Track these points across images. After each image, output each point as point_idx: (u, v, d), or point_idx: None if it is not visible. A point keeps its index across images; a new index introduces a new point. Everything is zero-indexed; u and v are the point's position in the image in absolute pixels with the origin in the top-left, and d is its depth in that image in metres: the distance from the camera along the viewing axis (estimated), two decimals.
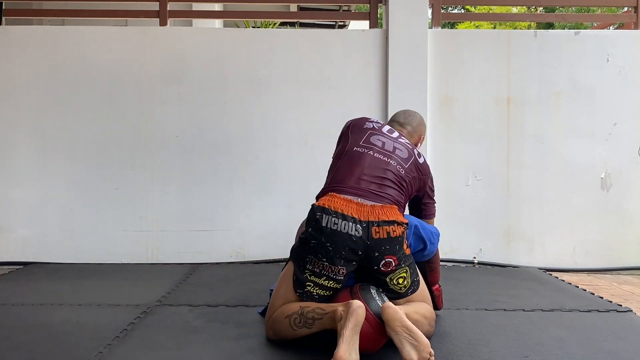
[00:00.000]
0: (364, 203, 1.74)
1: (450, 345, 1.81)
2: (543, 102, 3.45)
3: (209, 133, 3.41)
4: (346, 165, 1.88)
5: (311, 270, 1.73)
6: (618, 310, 2.26)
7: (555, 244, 3.45)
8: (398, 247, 1.74)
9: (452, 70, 3.46)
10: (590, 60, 3.46)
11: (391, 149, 1.93)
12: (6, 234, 3.39)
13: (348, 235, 1.69)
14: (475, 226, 3.45)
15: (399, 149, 1.95)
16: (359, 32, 3.51)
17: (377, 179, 1.82)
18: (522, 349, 1.78)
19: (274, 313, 1.80)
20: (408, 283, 1.79)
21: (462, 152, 3.45)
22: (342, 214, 1.71)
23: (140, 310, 2.21)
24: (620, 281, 3.09)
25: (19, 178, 3.40)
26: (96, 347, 1.76)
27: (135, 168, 3.41)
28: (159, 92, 3.42)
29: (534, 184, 3.45)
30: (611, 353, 1.75)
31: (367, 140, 1.95)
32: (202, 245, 3.41)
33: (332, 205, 1.73)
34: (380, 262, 1.72)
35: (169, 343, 1.82)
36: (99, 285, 2.74)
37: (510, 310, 2.26)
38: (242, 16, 4.37)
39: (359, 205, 1.73)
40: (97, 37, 3.43)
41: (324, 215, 1.72)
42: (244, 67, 3.43)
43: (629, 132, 3.46)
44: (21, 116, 3.40)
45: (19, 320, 2.10)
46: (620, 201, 3.45)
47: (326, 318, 1.64)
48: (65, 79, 3.41)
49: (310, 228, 1.74)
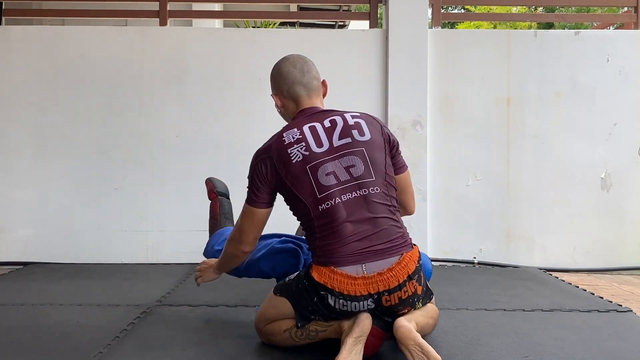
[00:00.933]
0: (369, 274, 1.53)
1: (450, 345, 1.81)
2: (543, 102, 3.45)
3: (209, 133, 3.41)
4: (325, 233, 1.58)
5: (316, 321, 1.65)
6: (618, 310, 2.26)
7: (555, 244, 3.45)
8: (412, 300, 1.60)
9: (452, 70, 3.46)
10: (590, 60, 3.46)
11: (345, 166, 1.62)
12: (6, 234, 3.39)
13: (359, 311, 1.56)
14: (475, 226, 3.45)
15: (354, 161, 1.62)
16: (359, 32, 3.51)
17: (365, 224, 1.57)
18: (522, 349, 1.78)
19: (268, 325, 1.74)
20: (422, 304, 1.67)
21: (462, 152, 3.45)
22: (350, 296, 1.53)
23: (140, 310, 2.21)
24: (620, 281, 3.09)
25: (19, 178, 3.40)
26: (96, 347, 1.75)
27: (135, 168, 3.41)
28: (159, 92, 3.42)
29: (534, 184, 3.45)
30: (611, 353, 1.75)
31: (318, 186, 1.60)
32: (202, 245, 3.39)
33: (336, 287, 1.53)
34: (396, 314, 1.59)
35: (169, 343, 1.82)
36: (99, 285, 2.74)
37: (510, 310, 2.26)
38: (242, 16, 4.37)
39: (365, 278, 1.53)
40: (97, 37, 3.43)
41: (330, 295, 1.54)
42: (244, 67, 3.43)
43: (629, 132, 3.46)
44: (21, 116, 3.40)
45: (19, 320, 2.10)
46: (620, 201, 3.45)
47: (330, 330, 1.62)
48: (65, 79, 3.41)
49: (316, 298, 1.57)
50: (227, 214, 2.30)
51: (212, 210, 2.32)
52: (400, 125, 3.37)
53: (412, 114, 3.38)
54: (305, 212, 1.65)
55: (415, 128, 3.38)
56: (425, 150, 3.39)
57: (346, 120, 1.70)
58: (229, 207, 2.34)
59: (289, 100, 1.80)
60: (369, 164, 1.63)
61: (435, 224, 3.44)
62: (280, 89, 1.80)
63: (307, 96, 1.79)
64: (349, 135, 1.66)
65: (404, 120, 3.38)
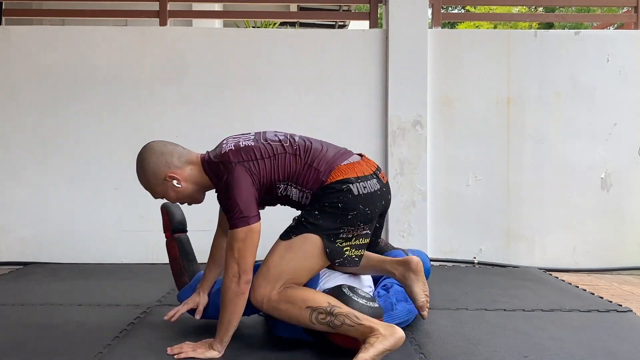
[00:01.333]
0: (359, 160, 1.78)
1: (450, 345, 1.81)
2: (543, 102, 3.45)
3: (209, 133, 3.41)
4: (315, 151, 1.75)
5: (343, 238, 1.68)
6: (618, 310, 2.26)
7: (555, 244, 3.45)
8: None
9: (452, 70, 3.46)
10: (590, 60, 3.46)
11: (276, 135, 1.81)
12: (6, 234, 3.39)
13: (375, 192, 1.72)
14: (475, 226, 3.45)
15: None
16: (359, 32, 3.51)
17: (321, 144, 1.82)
18: (522, 349, 1.78)
19: (288, 288, 1.64)
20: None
21: (462, 152, 3.45)
22: (363, 176, 1.71)
23: (140, 310, 2.21)
24: (620, 281, 3.09)
25: (19, 178, 3.40)
26: (96, 347, 1.76)
27: (135, 168, 3.40)
28: (159, 92, 3.42)
29: (534, 184, 3.45)
30: (611, 353, 1.75)
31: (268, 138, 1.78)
32: (202, 245, 3.40)
33: (349, 174, 1.70)
34: (390, 203, 1.84)
35: (168, 343, 1.81)
36: (99, 285, 2.74)
37: (510, 310, 2.26)
38: (242, 16, 4.37)
39: (361, 163, 1.76)
40: (97, 37, 3.43)
41: (350, 184, 1.68)
42: (244, 67, 3.43)
43: (629, 132, 3.46)
44: (21, 116, 3.40)
45: (19, 320, 2.10)
46: (620, 201, 3.45)
47: (356, 329, 1.57)
48: (65, 79, 3.41)
49: (340, 203, 1.66)
50: (190, 255, 2.13)
51: (169, 253, 2.12)
52: (400, 125, 3.38)
53: (412, 114, 3.38)
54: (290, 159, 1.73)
55: (415, 128, 3.39)
56: (425, 150, 3.39)
57: None
58: (189, 246, 2.16)
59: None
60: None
61: (435, 224, 3.44)
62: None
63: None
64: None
65: (404, 120, 3.38)
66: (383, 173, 1.82)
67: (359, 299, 1.64)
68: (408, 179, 3.38)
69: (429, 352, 1.74)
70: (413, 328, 1.97)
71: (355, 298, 1.63)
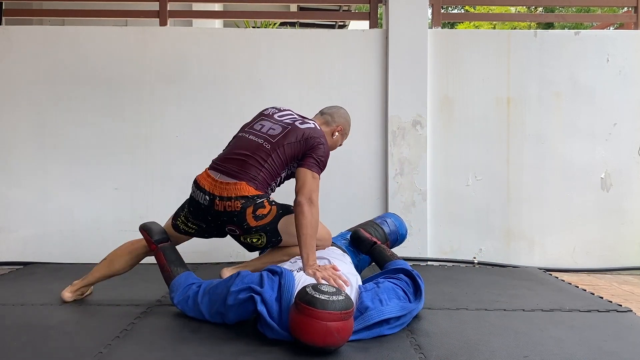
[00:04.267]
0: (220, 180, 2.11)
1: (450, 345, 1.81)
2: (543, 102, 3.45)
3: (209, 133, 3.41)
4: (227, 147, 2.29)
5: (184, 216, 2.26)
6: (618, 310, 2.26)
7: (555, 244, 3.45)
8: (236, 220, 2.09)
9: (452, 70, 3.46)
10: (590, 60, 3.46)
11: (265, 130, 2.22)
12: (6, 234, 3.39)
13: (198, 202, 2.15)
14: (475, 226, 3.45)
15: (273, 128, 2.22)
16: (359, 32, 3.51)
17: (241, 157, 2.14)
18: (522, 349, 1.78)
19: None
20: (264, 243, 2.18)
21: (462, 152, 3.45)
22: (200, 187, 2.15)
23: (140, 310, 2.21)
24: (620, 281, 3.09)
25: (19, 178, 3.40)
26: (96, 347, 1.75)
27: (135, 168, 3.41)
28: (158, 92, 3.42)
29: (534, 184, 3.45)
30: (611, 353, 1.75)
31: (250, 125, 2.31)
32: (202, 245, 3.40)
33: (198, 179, 2.19)
34: (225, 228, 2.16)
35: (168, 343, 1.82)
36: (99, 285, 2.74)
37: (510, 310, 2.26)
38: (242, 16, 4.37)
39: (214, 180, 2.12)
40: (97, 37, 3.43)
41: (193, 185, 2.20)
42: (244, 67, 3.43)
43: (629, 132, 3.46)
44: (21, 116, 3.40)
45: (19, 320, 2.10)
46: (620, 201, 3.45)
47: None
48: (65, 79, 3.41)
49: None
50: (175, 260, 2.24)
51: (158, 263, 2.26)
52: (400, 125, 3.38)
53: (412, 114, 3.38)
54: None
55: (415, 128, 3.39)
56: (425, 150, 3.39)
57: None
58: (174, 252, 2.28)
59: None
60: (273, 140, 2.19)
61: (435, 224, 3.44)
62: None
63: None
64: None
65: (404, 120, 3.38)
66: (223, 204, 2.10)
67: (321, 295, 1.66)
68: (408, 178, 3.38)
69: (429, 352, 1.74)
70: (413, 328, 1.97)
71: (317, 295, 1.65)
